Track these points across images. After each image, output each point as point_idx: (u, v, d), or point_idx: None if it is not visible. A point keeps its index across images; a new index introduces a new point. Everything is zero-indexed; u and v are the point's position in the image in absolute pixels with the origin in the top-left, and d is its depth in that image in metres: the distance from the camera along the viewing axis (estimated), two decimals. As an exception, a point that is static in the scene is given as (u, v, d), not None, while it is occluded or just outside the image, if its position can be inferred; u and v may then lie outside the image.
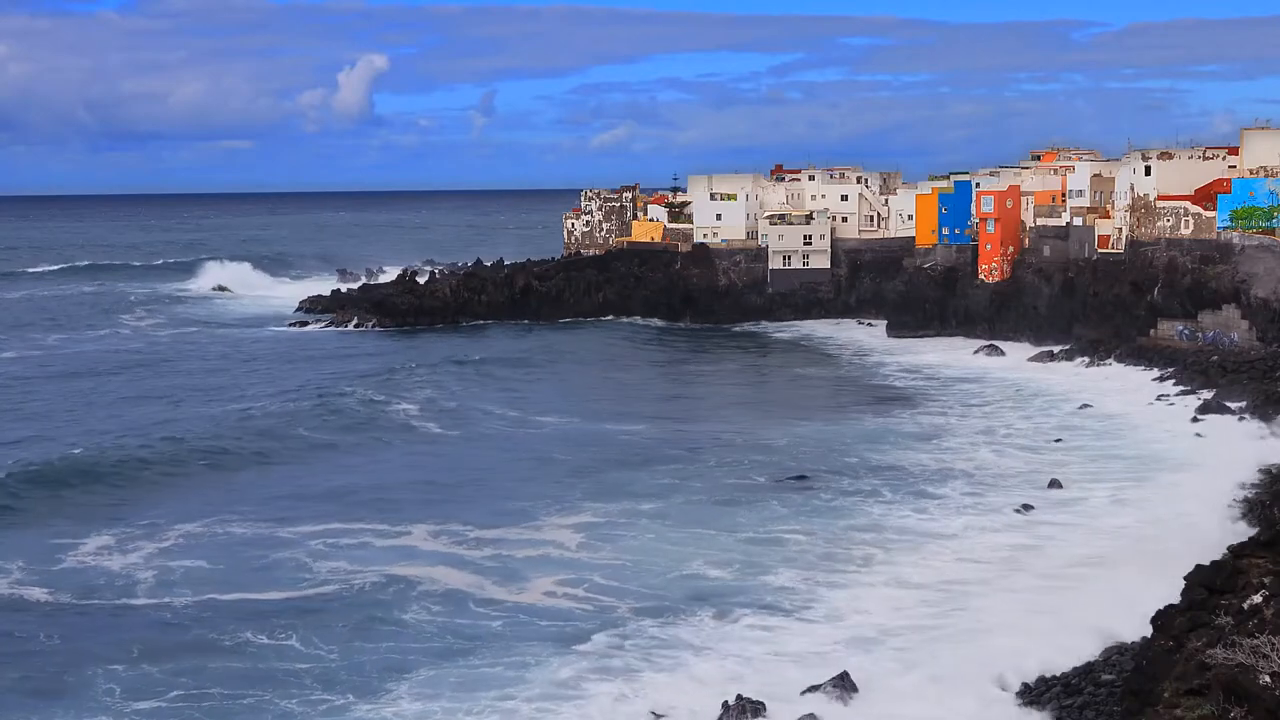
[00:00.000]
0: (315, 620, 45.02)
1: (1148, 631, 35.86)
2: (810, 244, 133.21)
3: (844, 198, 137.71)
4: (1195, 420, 74.18)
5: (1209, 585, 35.90)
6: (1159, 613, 35.71)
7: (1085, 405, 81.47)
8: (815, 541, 53.33)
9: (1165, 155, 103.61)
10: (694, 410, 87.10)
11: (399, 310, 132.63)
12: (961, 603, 45.44)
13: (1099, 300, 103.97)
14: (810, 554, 51.68)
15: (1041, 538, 53.37)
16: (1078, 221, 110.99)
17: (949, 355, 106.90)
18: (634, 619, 44.70)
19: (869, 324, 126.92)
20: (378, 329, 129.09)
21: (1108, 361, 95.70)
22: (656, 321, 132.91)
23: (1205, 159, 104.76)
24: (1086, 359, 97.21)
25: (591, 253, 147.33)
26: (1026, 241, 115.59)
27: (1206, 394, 79.51)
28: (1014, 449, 70.98)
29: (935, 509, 58.38)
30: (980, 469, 66.24)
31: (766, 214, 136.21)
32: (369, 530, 56.02)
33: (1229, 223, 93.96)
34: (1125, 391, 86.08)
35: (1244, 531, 49.36)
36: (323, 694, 39.12)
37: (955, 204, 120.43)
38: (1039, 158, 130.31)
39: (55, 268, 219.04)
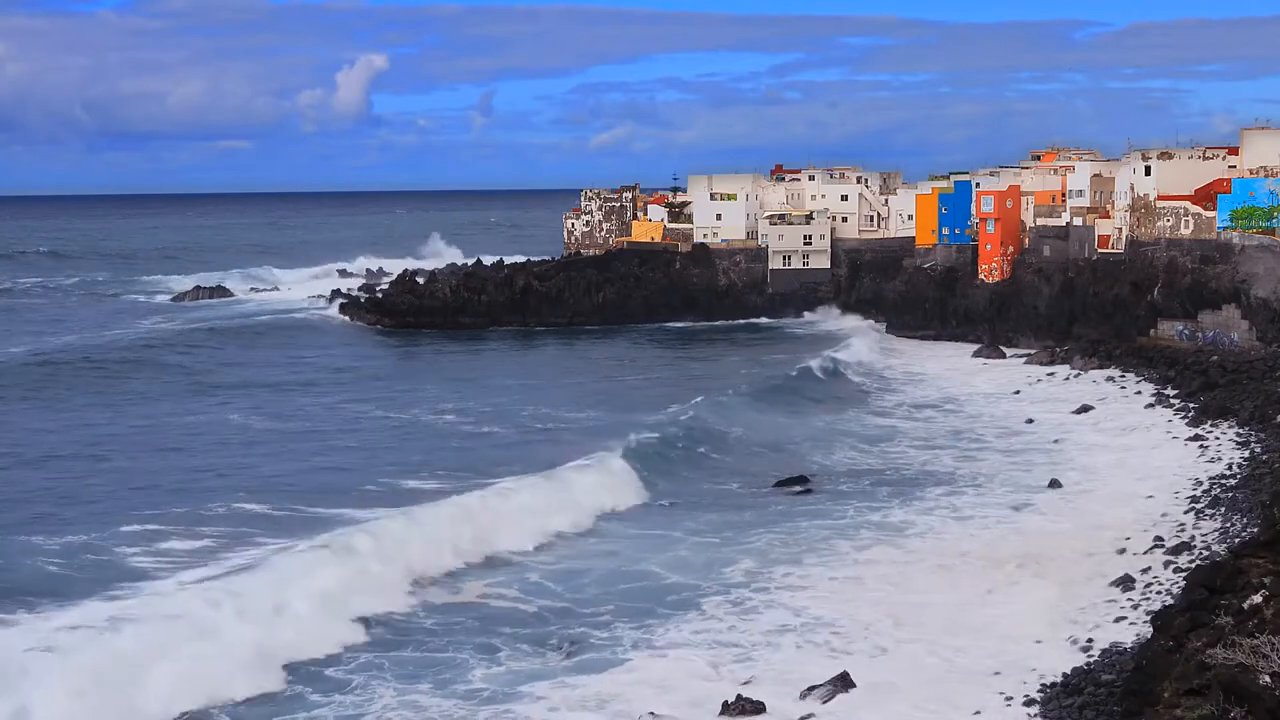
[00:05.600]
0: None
1: (1148, 631, 35.85)
2: (810, 244, 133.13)
3: (844, 198, 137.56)
4: (1195, 421, 74.13)
5: (1209, 585, 35.91)
6: (1159, 612, 35.77)
7: (1084, 405, 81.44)
8: (814, 543, 53.26)
9: (1165, 155, 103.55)
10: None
11: (399, 310, 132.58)
12: (961, 603, 45.39)
13: (1099, 300, 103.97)
14: (809, 555, 51.60)
15: (1041, 538, 53.30)
16: (1078, 221, 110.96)
17: (949, 355, 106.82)
18: (632, 619, 44.60)
19: (869, 325, 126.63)
20: (379, 329, 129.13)
21: (1108, 362, 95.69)
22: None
23: (1205, 159, 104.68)
24: (1086, 359, 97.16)
25: (591, 253, 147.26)
26: (1026, 241, 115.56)
27: (1206, 394, 79.48)
28: (1013, 449, 70.98)
29: (934, 510, 58.34)
30: (980, 469, 66.19)
31: (766, 214, 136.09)
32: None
33: (1229, 223, 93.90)
34: (1125, 392, 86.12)
35: (1243, 531, 49.39)
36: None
37: (955, 204, 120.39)
38: (1039, 158, 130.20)
39: (51, 270, 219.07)
